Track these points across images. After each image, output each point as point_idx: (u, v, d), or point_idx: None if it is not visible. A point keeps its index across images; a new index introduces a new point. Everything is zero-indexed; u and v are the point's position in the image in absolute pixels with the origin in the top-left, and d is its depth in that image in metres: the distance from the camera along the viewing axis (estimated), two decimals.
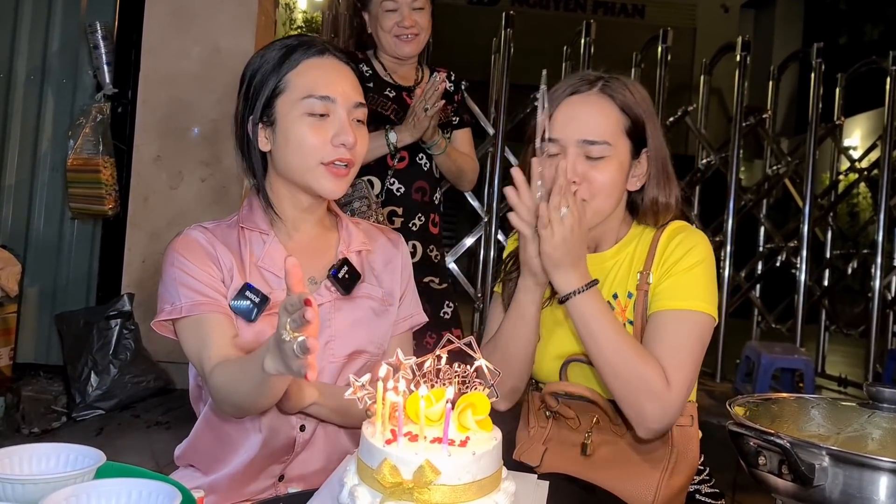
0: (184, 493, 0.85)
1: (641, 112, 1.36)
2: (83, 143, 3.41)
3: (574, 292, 1.26)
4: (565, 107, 1.35)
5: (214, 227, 1.33)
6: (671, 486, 1.30)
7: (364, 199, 2.28)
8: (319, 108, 1.27)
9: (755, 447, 0.72)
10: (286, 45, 1.32)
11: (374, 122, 2.31)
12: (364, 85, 2.44)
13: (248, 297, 1.24)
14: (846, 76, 5.50)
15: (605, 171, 1.32)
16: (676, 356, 1.26)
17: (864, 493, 0.68)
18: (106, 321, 3.20)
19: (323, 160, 1.27)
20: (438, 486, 0.77)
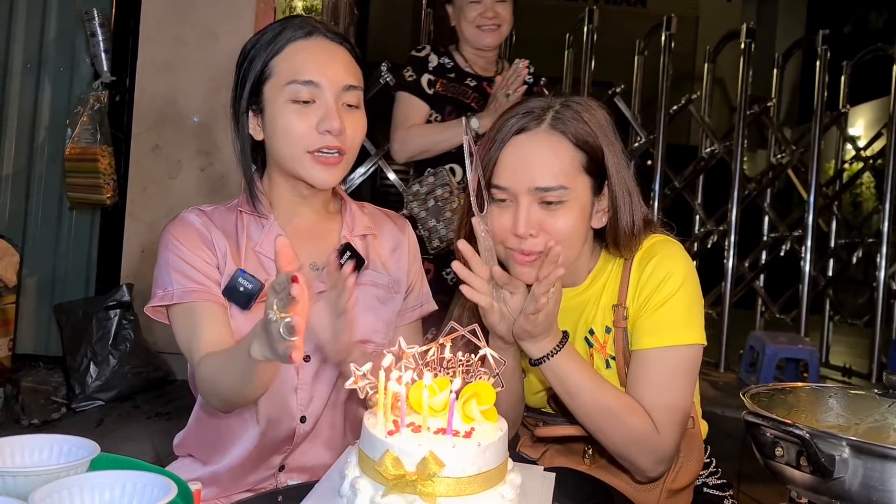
0: (180, 486, 0.82)
1: (598, 141, 1.22)
2: (81, 132, 3.38)
3: (546, 356, 1.18)
4: (512, 148, 1.20)
5: (212, 211, 1.31)
6: (676, 487, 1.27)
7: (446, 185, 2.37)
8: (304, 94, 1.22)
9: (772, 438, 0.70)
10: (275, 27, 1.28)
11: (456, 111, 2.47)
12: (445, 76, 2.46)
13: (242, 284, 1.20)
14: (851, 64, 5.45)
15: (564, 217, 1.19)
16: (663, 398, 1.20)
17: (886, 485, 0.66)
18: (105, 312, 3.18)
19: (309, 148, 1.22)
20: (442, 479, 0.75)
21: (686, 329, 1.22)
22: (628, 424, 1.17)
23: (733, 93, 5.20)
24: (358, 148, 1.29)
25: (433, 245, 2.41)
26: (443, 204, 2.38)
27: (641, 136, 4.83)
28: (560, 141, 1.20)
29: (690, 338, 1.22)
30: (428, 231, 2.40)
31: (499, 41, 2.52)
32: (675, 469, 1.27)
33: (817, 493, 0.70)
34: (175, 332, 1.23)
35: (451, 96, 2.50)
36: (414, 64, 2.52)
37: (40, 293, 3.60)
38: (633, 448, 1.18)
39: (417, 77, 2.50)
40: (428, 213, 2.40)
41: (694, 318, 1.23)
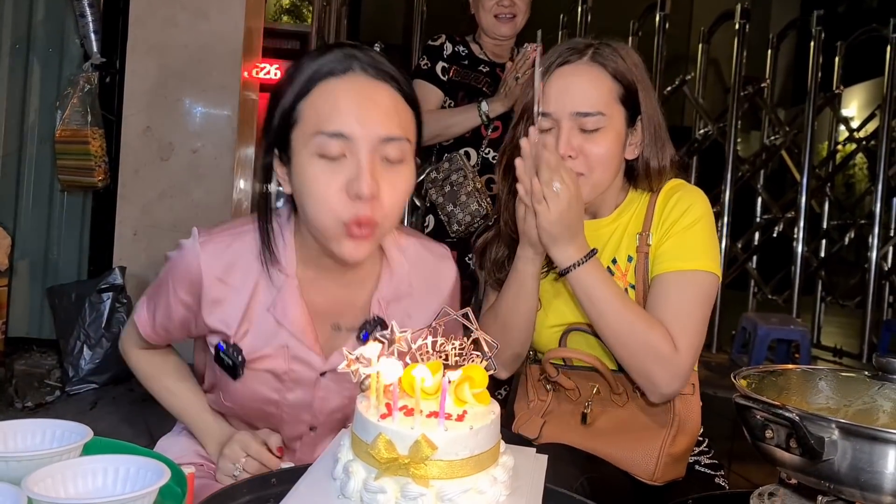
0: (173, 469, 0.82)
1: (634, 78, 1.33)
2: (71, 114, 3.35)
3: (574, 265, 1.24)
4: (556, 79, 1.31)
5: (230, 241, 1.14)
6: (672, 454, 1.30)
7: (460, 170, 2.44)
8: (333, 149, 1.01)
9: (762, 420, 0.70)
10: (311, 57, 1.07)
11: (468, 96, 2.55)
12: (459, 63, 2.52)
13: (223, 359, 1.15)
14: (845, 45, 5.44)
15: (601, 143, 1.29)
16: (682, 319, 1.25)
17: (875, 466, 0.66)
18: (98, 294, 3.17)
19: (343, 218, 1.02)
20: (435, 462, 0.75)
21: (705, 257, 1.29)
22: (649, 338, 1.23)
23: (727, 74, 5.19)
24: (398, 215, 1.08)
25: (453, 229, 2.49)
26: (457, 188, 2.44)
27: None
28: (599, 72, 1.30)
29: (708, 266, 1.29)
30: (447, 216, 2.48)
31: (515, 31, 2.59)
32: (673, 432, 1.30)
33: (806, 475, 0.71)
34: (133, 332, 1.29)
35: (463, 82, 2.57)
36: (429, 52, 2.61)
37: (32, 276, 3.59)
38: (651, 362, 1.23)
39: (432, 65, 2.58)
40: (445, 199, 2.47)
41: (712, 249, 1.31)
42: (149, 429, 2.70)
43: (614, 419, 1.34)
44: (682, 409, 1.31)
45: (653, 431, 1.31)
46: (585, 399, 1.35)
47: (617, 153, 1.32)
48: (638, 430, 1.32)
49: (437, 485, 0.75)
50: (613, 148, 1.31)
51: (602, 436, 1.33)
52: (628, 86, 1.32)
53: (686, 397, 1.32)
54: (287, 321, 1.13)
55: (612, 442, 1.32)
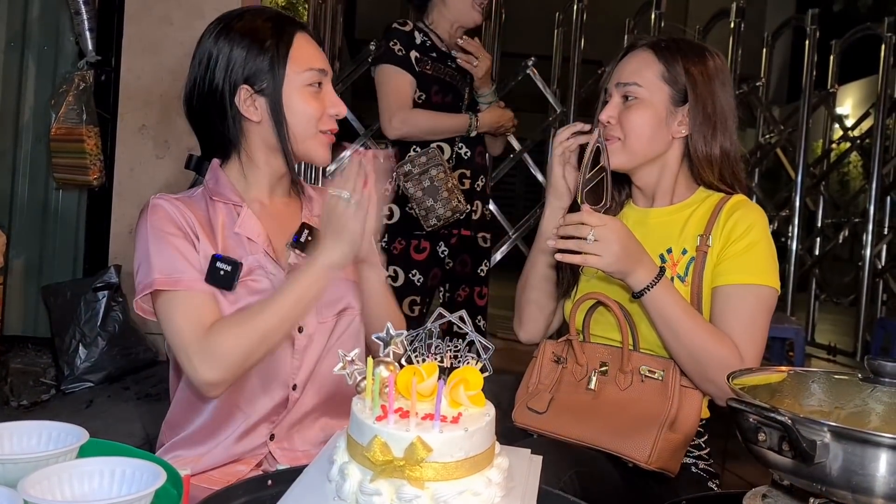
0: (169, 472, 0.83)
1: (687, 63, 1.41)
2: (66, 111, 3.34)
3: (647, 288, 1.30)
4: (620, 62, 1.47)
5: (181, 197, 1.32)
6: (668, 441, 1.31)
7: (440, 165, 2.46)
8: (316, 80, 1.32)
9: (755, 423, 0.71)
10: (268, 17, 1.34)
11: (441, 91, 2.54)
12: (429, 55, 2.54)
13: (221, 268, 1.23)
14: (840, 43, 5.45)
15: (636, 111, 1.40)
16: (748, 331, 1.33)
17: (866, 469, 0.67)
18: (93, 293, 3.16)
19: (321, 129, 1.33)
20: (430, 464, 0.76)
21: (770, 273, 1.36)
22: (720, 352, 1.29)
23: None
24: None
25: (430, 223, 2.48)
26: (439, 184, 2.44)
27: None
28: (648, 54, 1.43)
29: (772, 281, 1.36)
30: (425, 210, 2.46)
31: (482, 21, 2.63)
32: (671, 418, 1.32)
33: (799, 477, 0.71)
34: (166, 315, 1.22)
35: (437, 76, 2.54)
36: (400, 38, 2.51)
37: (27, 274, 3.58)
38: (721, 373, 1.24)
39: (406, 53, 2.50)
40: (424, 194, 2.45)
41: (774, 267, 1.38)
42: (144, 427, 2.70)
43: (621, 398, 1.37)
44: (681, 398, 1.34)
45: (652, 415, 1.33)
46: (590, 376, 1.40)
47: (652, 124, 1.40)
48: (637, 412, 1.34)
49: (433, 487, 0.75)
50: (648, 119, 1.40)
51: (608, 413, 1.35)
52: (675, 67, 1.40)
53: (688, 390, 1.35)
54: (254, 235, 1.30)
55: (611, 420, 1.34)
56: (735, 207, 1.41)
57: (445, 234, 2.58)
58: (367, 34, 5.34)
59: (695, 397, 1.35)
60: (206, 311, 1.21)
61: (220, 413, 1.29)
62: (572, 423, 1.37)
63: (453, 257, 2.63)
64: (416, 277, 2.55)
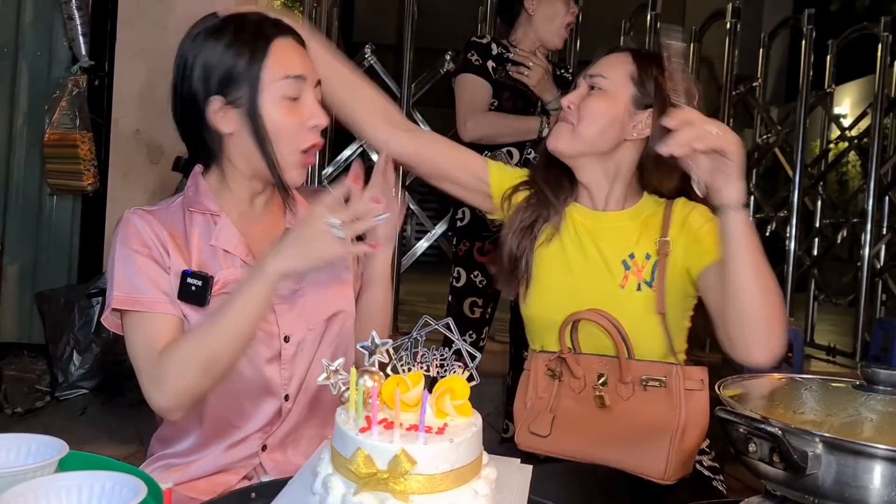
0: (150, 486, 0.81)
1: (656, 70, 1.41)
2: (60, 117, 3.34)
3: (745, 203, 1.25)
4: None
5: (156, 211, 1.26)
6: (682, 451, 1.29)
7: None
8: (293, 90, 1.22)
9: (745, 434, 0.69)
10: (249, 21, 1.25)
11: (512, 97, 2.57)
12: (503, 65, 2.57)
13: (192, 284, 1.19)
14: (837, 43, 5.43)
15: (595, 99, 1.42)
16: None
17: (859, 481, 0.65)
18: (87, 299, 3.15)
19: (301, 147, 1.24)
20: (414, 476, 0.74)
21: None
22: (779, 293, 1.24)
23: (720, 72, 5.17)
24: None
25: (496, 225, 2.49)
26: None
27: None
28: (626, 56, 1.46)
29: None
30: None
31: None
32: (681, 429, 1.29)
33: (791, 489, 0.69)
34: (127, 337, 1.20)
35: (507, 83, 2.58)
36: (478, 49, 2.60)
37: (22, 280, 3.57)
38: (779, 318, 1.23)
39: (483, 62, 2.58)
40: None
41: None
42: (139, 433, 2.68)
43: (625, 412, 1.34)
44: (689, 404, 1.31)
45: (661, 426, 1.30)
46: (591, 387, 1.36)
47: (608, 116, 1.41)
48: (645, 423, 1.31)
49: (417, 500, 0.74)
50: (605, 109, 1.41)
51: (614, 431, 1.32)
52: (647, 72, 1.42)
53: (693, 392, 1.32)
54: (231, 246, 1.25)
55: (619, 435, 1.31)
56: (683, 204, 1.42)
57: None
58: (364, 37, 5.33)
59: (701, 399, 1.33)
60: (161, 334, 1.16)
61: (213, 429, 1.27)
62: (578, 442, 1.34)
63: None
64: (477, 279, 2.58)
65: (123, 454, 2.51)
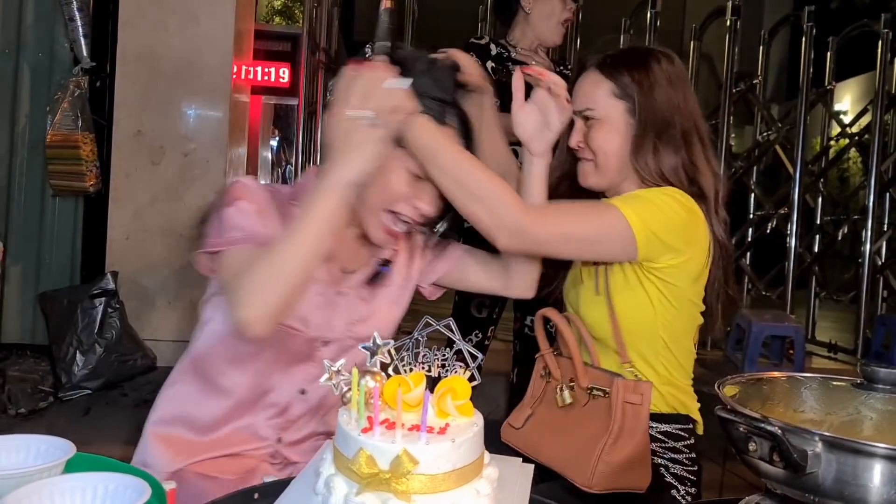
0: (153, 486, 0.82)
1: (633, 74, 1.41)
2: (62, 118, 3.34)
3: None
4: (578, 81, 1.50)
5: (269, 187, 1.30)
6: (611, 463, 1.27)
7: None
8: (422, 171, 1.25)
9: (745, 433, 0.70)
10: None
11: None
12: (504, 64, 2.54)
13: None
14: (837, 40, 5.43)
15: (596, 132, 1.43)
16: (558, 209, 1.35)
17: (859, 479, 0.65)
18: (90, 300, 3.16)
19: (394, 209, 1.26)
20: (416, 476, 0.74)
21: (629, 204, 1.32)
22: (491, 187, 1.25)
23: (720, 70, 5.17)
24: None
25: None
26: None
27: None
28: (595, 74, 1.45)
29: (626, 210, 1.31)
30: None
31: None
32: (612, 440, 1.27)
33: (791, 487, 0.70)
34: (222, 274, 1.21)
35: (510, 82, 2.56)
36: (476, 51, 2.59)
37: (25, 281, 3.57)
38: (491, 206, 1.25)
39: (482, 63, 2.57)
40: None
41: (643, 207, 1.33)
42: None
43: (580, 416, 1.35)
44: (625, 417, 1.29)
45: (595, 436, 1.30)
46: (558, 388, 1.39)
47: (616, 141, 1.42)
48: (584, 433, 1.31)
49: (419, 500, 0.74)
50: (609, 136, 1.42)
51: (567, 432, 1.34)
52: (622, 81, 1.42)
53: (633, 406, 1.30)
54: None
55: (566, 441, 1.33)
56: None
57: None
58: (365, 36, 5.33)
59: (639, 413, 1.31)
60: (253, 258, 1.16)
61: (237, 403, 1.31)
62: (541, 442, 1.37)
63: None
64: None
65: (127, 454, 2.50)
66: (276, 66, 4.31)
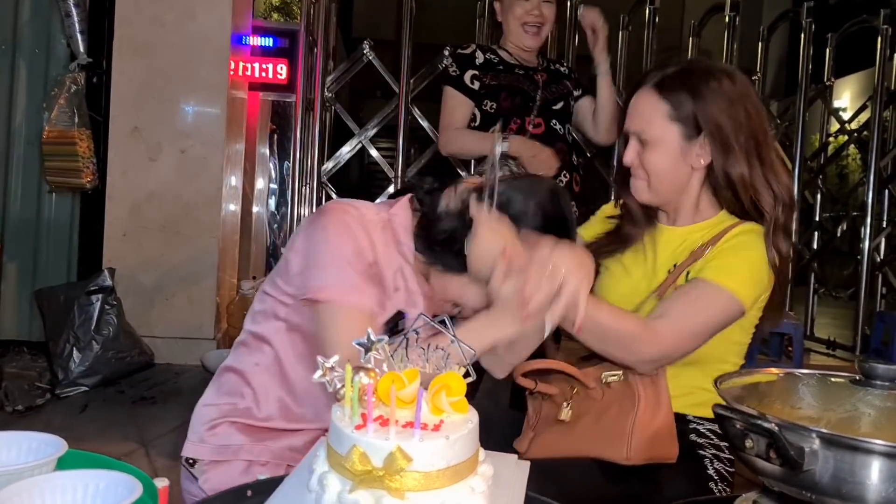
0: (145, 483, 0.81)
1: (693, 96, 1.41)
2: (58, 114, 3.33)
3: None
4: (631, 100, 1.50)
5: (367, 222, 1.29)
6: (644, 430, 1.31)
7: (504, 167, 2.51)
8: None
9: (742, 430, 0.69)
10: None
11: (510, 96, 2.61)
12: (494, 69, 2.61)
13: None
14: (836, 36, 5.42)
15: (651, 154, 1.44)
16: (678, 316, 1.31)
17: (857, 477, 0.65)
18: (87, 297, 3.15)
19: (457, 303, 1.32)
20: (410, 473, 0.73)
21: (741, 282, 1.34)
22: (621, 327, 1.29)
23: None
24: None
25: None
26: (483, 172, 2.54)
27: None
28: (651, 95, 1.45)
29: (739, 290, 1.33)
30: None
31: (539, 43, 2.67)
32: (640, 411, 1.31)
33: (788, 485, 0.69)
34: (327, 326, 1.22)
35: (503, 84, 2.63)
36: (458, 60, 2.68)
37: (22, 278, 3.57)
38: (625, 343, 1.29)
39: (461, 73, 2.65)
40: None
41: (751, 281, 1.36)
42: (139, 431, 2.68)
43: (594, 412, 1.36)
44: (646, 383, 1.34)
45: (622, 414, 1.33)
46: (566, 400, 1.38)
47: (669, 163, 1.44)
48: (611, 417, 1.34)
49: (413, 497, 0.73)
50: (664, 158, 1.44)
51: (582, 431, 1.35)
52: (680, 104, 1.42)
53: (653, 378, 1.35)
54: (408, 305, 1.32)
55: (588, 434, 1.34)
56: (738, 233, 1.41)
57: None
58: (363, 33, 5.32)
59: (659, 383, 1.35)
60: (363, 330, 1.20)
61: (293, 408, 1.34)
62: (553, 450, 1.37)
63: None
64: None
65: (123, 451, 2.50)
66: (273, 63, 4.29)
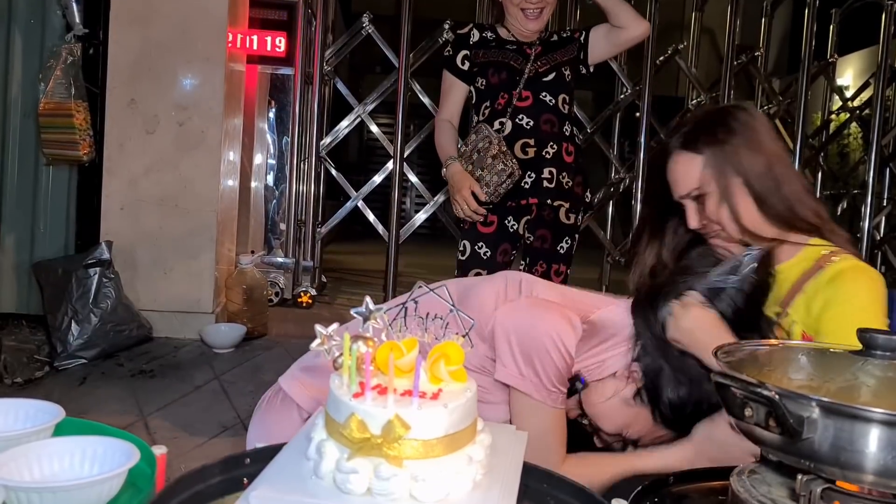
0: (143, 450, 0.81)
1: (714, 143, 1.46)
2: (54, 86, 3.29)
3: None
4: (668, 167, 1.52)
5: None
6: None
7: (486, 137, 2.56)
8: None
9: (741, 399, 0.69)
10: None
11: (496, 72, 2.64)
12: (487, 47, 2.64)
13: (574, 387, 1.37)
14: (840, 12, 5.38)
15: (711, 205, 1.46)
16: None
17: (855, 445, 0.65)
18: (85, 270, 3.14)
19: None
20: (408, 441, 0.73)
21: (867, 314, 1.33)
22: None
23: (721, 42, 5.12)
24: None
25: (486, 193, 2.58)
26: (483, 153, 2.55)
27: (627, 88, 4.77)
28: (683, 155, 1.49)
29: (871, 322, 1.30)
30: (479, 181, 2.56)
31: (541, 25, 2.65)
32: None
33: (787, 453, 0.69)
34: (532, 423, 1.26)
35: (490, 61, 2.66)
36: (454, 42, 2.73)
37: (19, 251, 3.55)
38: None
39: (453, 54, 2.70)
40: (474, 166, 2.57)
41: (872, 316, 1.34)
42: (138, 403, 2.69)
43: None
44: None
45: None
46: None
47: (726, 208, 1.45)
48: None
49: (411, 465, 0.73)
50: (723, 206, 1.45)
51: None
52: (711, 154, 1.46)
53: None
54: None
55: None
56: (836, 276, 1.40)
57: (514, 206, 2.65)
58: (362, 7, 5.27)
59: None
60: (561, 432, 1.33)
61: None
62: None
63: (532, 231, 2.70)
64: (482, 250, 2.66)
65: (122, 423, 2.51)
66: (272, 35, 4.24)
